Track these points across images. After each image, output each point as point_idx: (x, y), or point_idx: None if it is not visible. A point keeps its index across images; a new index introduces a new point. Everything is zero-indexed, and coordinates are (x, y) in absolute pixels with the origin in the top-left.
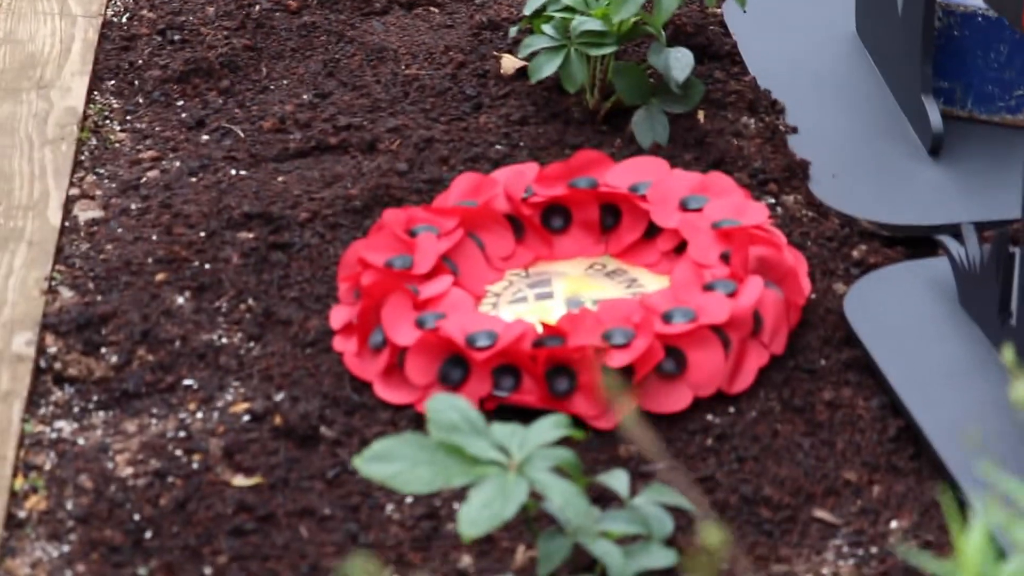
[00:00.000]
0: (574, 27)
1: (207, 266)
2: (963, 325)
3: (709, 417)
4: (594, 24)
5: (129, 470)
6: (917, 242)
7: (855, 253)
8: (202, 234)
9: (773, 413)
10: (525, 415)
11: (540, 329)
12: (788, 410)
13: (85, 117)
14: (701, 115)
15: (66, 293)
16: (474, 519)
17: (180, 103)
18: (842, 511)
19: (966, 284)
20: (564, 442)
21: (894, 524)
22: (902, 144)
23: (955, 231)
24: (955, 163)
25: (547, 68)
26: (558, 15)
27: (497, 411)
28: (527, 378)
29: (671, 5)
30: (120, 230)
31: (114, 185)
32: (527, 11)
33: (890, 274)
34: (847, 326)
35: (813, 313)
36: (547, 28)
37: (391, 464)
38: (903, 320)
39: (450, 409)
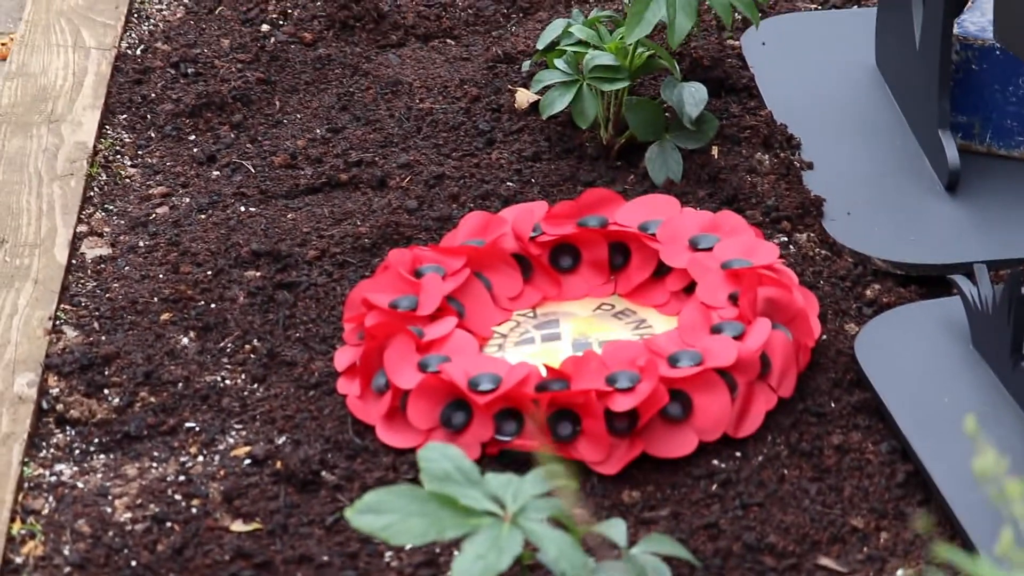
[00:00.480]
0: (587, 62)
1: (213, 305)
2: (976, 367)
3: (715, 462)
4: (607, 59)
5: (128, 515)
6: (932, 281)
7: (868, 293)
8: (209, 273)
9: (780, 458)
10: (529, 460)
11: (544, 372)
12: (795, 455)
13: (96, 152)
14: (715, 151)
15: (70, 333)
16: (468, 571)
17: (192, 138)
18: (848, 559)
19: (978, 325)
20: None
21: (900, 572)
22: (919, 180)
23: (970, 270)
24: (973, 200)
25: (559, 103)
26: (571, 49)
27: (501, 455)
28: (529, 423)
29: (685, 26)
30: (127, 268)
31: (123, 222)
32: (540, 45)
33: (902, 315)
34: (858, 368)
35: (824, 354)
36: (559, 63)
37: (382, 516)
38: (914, 362)
39: (443, 459)
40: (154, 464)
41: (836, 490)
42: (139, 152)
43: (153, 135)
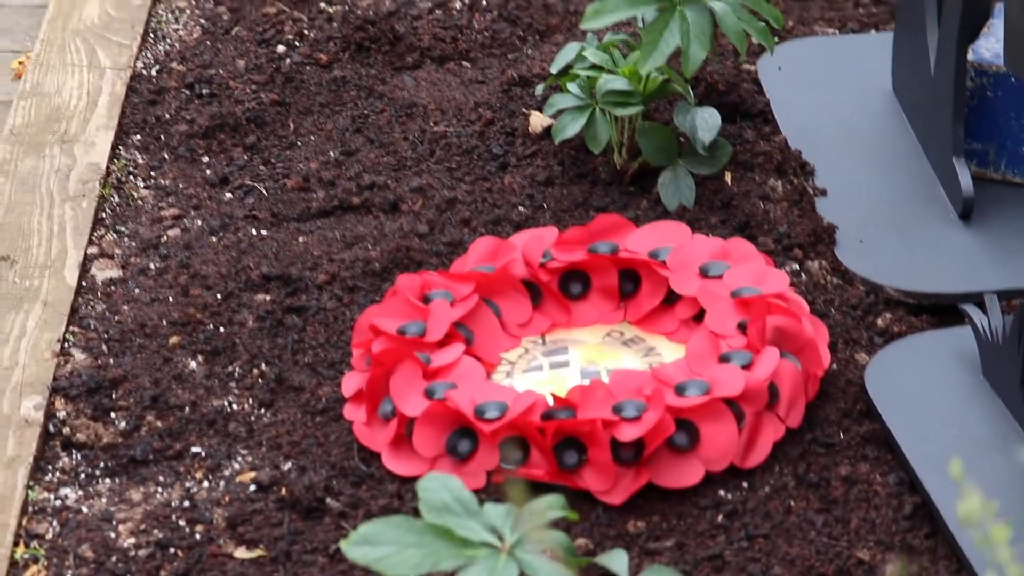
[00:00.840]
0: (600, 86)
1: (222, 329)
2: (986, 398)
3: (721, 492)
4: (620, 83)
5: (131, 540)
6: (945, 310)
7: (880, 322)
8: (219, 296)
9: (787, 489)
10: (535, 488)
11: (551, 400)
12: (802, 486)
13: (108, 173)
14: (728, 176)
15: (79, 355)
16: None
17: (205, 159)
18: None
19: (989, 355)
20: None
21: None
22: (933, 208)
23: (982, 300)
24: (987, 228)
25: (571, 128)
26: (584, 73)
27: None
28: (535, 451)
29: (699, 56)
30: (137, 291)
31: (134, 244)
32: (554, 69)
33: (913, 344)
34: (867, 398)
35: (834, 384)
36: (572, 87)
37: (378, 548)
38: (924, 392)
39: (442, 489)
40: (159, 489)
41: (843, 522)
42: (152, 173)
43: (166, 156)
